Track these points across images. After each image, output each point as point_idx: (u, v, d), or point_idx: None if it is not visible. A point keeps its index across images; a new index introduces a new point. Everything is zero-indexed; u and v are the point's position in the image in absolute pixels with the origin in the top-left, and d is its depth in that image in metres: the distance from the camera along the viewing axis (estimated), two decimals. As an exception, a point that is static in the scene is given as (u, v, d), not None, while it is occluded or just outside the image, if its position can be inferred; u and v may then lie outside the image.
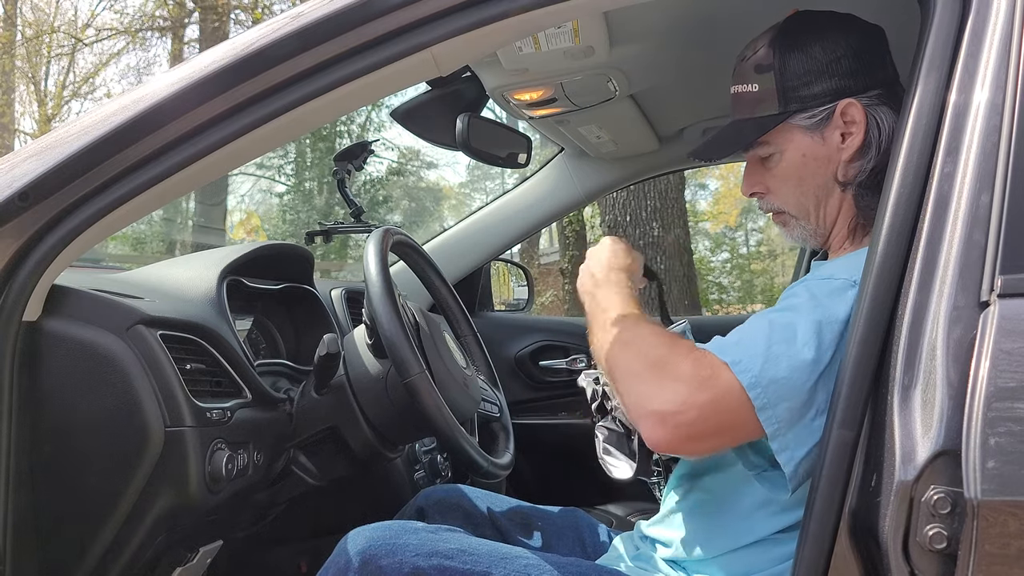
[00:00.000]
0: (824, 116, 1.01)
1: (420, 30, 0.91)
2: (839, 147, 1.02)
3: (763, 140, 1.05)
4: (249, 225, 16.09)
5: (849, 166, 1.02)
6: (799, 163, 1.04)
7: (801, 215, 1.07)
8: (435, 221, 18.25)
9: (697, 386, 0.87)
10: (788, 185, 1.06)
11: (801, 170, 1.04)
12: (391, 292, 1.20)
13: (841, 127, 1.01)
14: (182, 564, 1.18)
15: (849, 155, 1.02)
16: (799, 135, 1.03)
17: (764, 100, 1.04)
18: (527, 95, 1.58)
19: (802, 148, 1.03)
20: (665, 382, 0.89)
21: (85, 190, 0.93)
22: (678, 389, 0.88)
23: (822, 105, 1.01)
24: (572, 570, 1.03)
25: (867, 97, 1.00)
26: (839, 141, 1.02)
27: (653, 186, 4.76)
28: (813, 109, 1.02)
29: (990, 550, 0.68)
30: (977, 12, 0.82)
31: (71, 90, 14.90)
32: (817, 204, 1.05)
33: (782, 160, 1.05)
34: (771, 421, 0.87)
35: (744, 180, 1.12)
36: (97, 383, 1.02)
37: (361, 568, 0.99)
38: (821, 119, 1.02)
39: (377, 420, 1.29)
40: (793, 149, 1.04)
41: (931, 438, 0.71)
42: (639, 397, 0.91)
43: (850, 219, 1.05)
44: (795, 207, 1.07)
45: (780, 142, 1.04)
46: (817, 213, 1.06)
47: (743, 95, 1.07)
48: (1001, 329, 0.71)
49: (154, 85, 0.96)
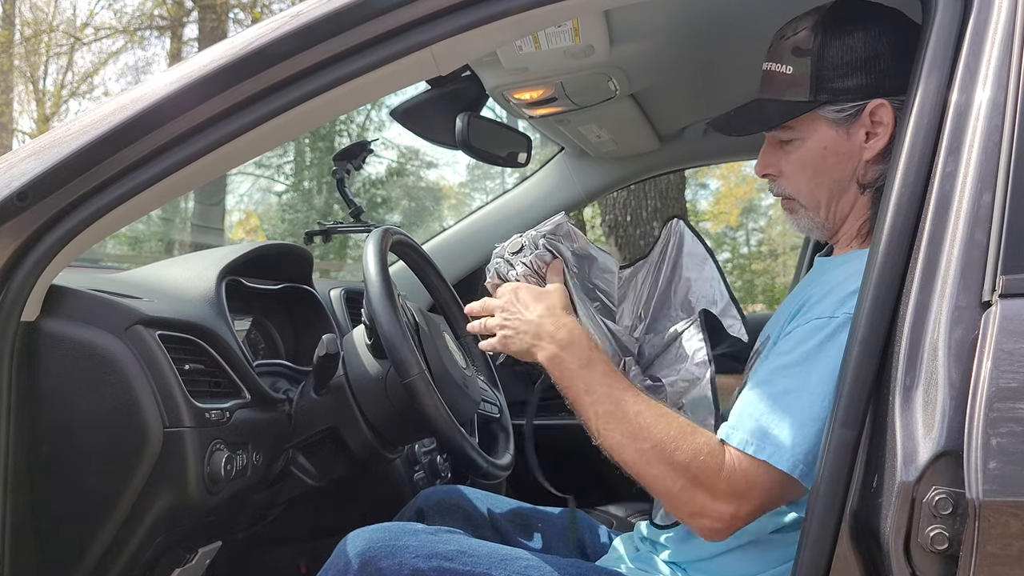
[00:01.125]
0: (853, 112, 0.99)
1: (420, 29, 0.91)
2: (862, 146, 1.00)
3: (787, 124, 1.03)
4: (248, 225, 16.09)
5: (870, 168, 1.00)
6: (819, 154, 1.02)
7: (811, 206, 1.05)
8: (435, 221, 18.25)
9: (740, 501, 0.89)
10: (804, 174, 1.04)
11: (820, 162, 1.02)
12: (391, 292, 1.19)
13: (868, 126, 0.99)
14: (181, 565, 1.18)
15: (871, 156, 1.00)
16: (824, 127, 1.01)
17: (796, 84, 1.01)
18: (527, 94, 1.57)
19: (825, 140, 1.01)
20: (707, 504, 0.90)
21: (84, 190, 0.93)
22: (722, 510, 0.90)
23: (853, 101, 0.99)
24: (572, 571, 1.03)
25: (899, 100, 0.96)
26: (863, 140, 1.00)
27: (653, 186, 4.75)
28: (843, 103, 0.99)
29: (992, 551, 0.68)
30: (978, 12, 0.82)
31: (69, 89, 14.90)
32: (830, 198, 1.03)
33: (802, 148, 1.03)
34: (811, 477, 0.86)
35: (759, 158, 1.09)
36: (96, 383, 1.01)
37: (360, 570, 0.99)
38: (849, 115, 0.99)
39: (376, 421, 1.29)
40: (816, 139, 1.02)
41: (933, 439, 0.71)
42: (685, 506, 0.92)
43: (862, 219, 1.03)
44: (806, 197, 1.05)
45: (804, 130, 1.02)
46: (828, 207, 1.04)
47: (776, 75, 1.04)
48: (1003, 329, 0.71)
49: (153, 84, 0.96)
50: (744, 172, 15.15)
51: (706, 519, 0.90)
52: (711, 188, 16.94)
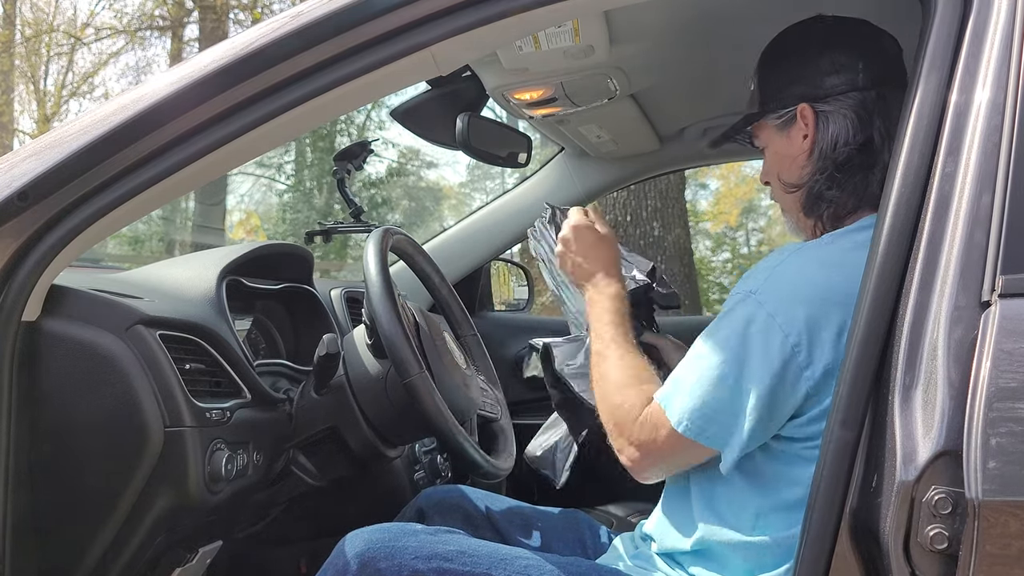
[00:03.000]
0: (788, 117, 1.08)
1: (420, 29, 0.91)
2: (802, 148, 1.07)
3: (756, 135, 1.14)
4: (248, 225, 16.08)
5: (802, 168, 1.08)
6: (773, 159, 1.12)
7: (785, 207, 1.14)
8: (435, 221, 18.24)
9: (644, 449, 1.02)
10: (771, 179, 1.14)
11: (776, 166, 1.12)
12: (391, 292, 1.20)
13: (803, 129, 1.07)
14: (181, 564, 1.18)
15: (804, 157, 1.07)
16: (773, 134, 1.11)
17: (753, 99, 1.13)
18: (527, 94, 1.57)
19: (775, 146, 1.11)
20: (624, 446, 1.04)
21: (84, 190, 0.93)
22: (631, 454, 1.04)
23: (787, 107, 1.07)
24: (571, 570, 1.03)
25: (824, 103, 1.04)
26: (801, 142, 1.07)
27: (653, 186, 4.75)
28: (780, 110, 1.08)
29: (991, 550, 0.68)
30: (978, 12, 0.82)
31: (70, 89, 14.89)
32: (794, 201, 1.10)
33: (766, 156, 1.14)
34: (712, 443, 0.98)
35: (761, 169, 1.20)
36: (96, 383, 1.01)
37: (359, 571, 0.99)
38: (786, 119, 1.08)
39: (377, 420, 1.29)
40: (770, 147, 1.12)
41: (932, 438, 0.71)
42: (614, 443, 1.07)
43: (814, 220, 1.09)
44: (779, 199, 1.14)
45: (763, 138, 1.13)
46: (794, 209, 1.11)
47: (751, 91, 1.15)
48: (1002, 329, 0.71)
49: (153, 85, 0.96)
50: (744, 172, 15.15)
51: (623, 457, 1.04)
52: (711, 188, 16.93)
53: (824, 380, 0.93)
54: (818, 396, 0.94)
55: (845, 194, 1.04)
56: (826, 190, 1.05)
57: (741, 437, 0.95)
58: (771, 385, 0.93)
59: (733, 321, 0.98)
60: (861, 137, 1.03)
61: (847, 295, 0.88)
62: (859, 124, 1.03)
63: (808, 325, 0.93)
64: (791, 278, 0.97)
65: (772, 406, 0.94)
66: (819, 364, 0.93)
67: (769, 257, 1.03)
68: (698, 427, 0.96)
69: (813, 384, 0.93)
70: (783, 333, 0.93)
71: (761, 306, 0.95)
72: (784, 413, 0.95)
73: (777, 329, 0.93)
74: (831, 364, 0.92)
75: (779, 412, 0.95)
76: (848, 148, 1.03)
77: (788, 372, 0.93)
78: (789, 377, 0.93)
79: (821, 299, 0.94)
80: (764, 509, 0.99)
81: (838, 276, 0.94)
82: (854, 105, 1.03)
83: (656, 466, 1.04)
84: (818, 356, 0.93)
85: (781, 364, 0.93)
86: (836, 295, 0.93)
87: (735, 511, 1.01)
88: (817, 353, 0.93)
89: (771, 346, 0.94)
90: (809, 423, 0.95)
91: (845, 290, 0.90)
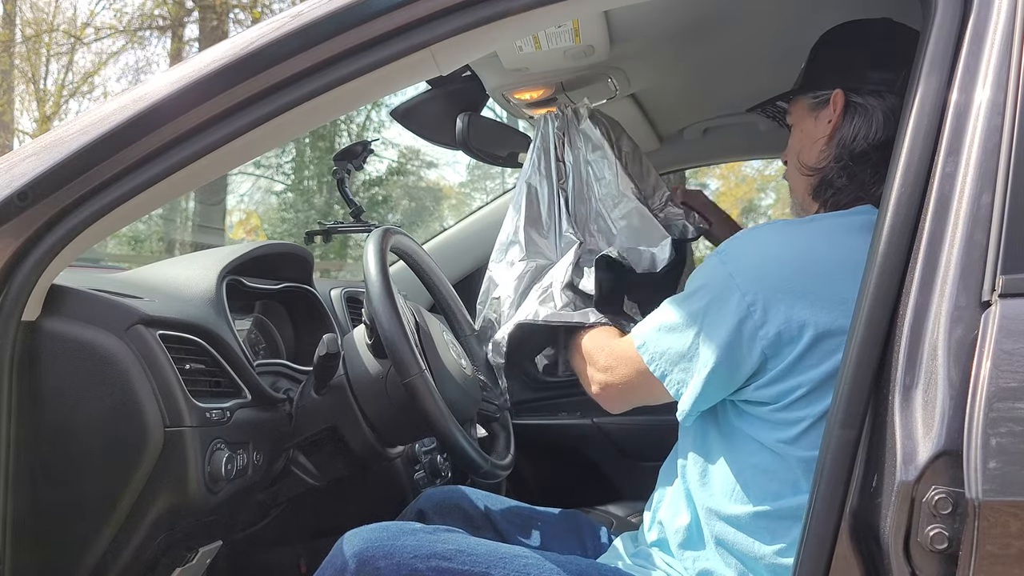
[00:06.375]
0: (822, 100, 1.09)
1: (420, 29, 0.91)
2: (824, 132, 1.08)
3: (790, 111, 1.17)
4: (248, 225, 16.08)
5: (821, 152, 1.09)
6: (797, 138, 1.14)
7: (794, 187, 1.15)
8: (435, 221, 18.24)
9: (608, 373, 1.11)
10: (791, 157, 1.15)
11: (798, 144, 1.13)
12: (391, 292, 1.19)
13: (830, 114, 1.08)
14: (181, 564, 1.18)
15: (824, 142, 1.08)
16: (805, 113, 1.12)
17: (800, 76, 1.17)
18: (527, 94, 1.58)
19: (802, 124, 1.13)
20: (594, 374, 1.14)
21: (84, 190, 0.93)
22: (596, 377, 1.13)
23: (825, 89, 1.09)
24: (571, 569, 1.03)
25: (858, 95, 1.06)
26: (825, 126, 1.08)
27: (653, 186, 4.74)
28: (818, 91, 1.10)
29: (991, 551, 0.68)
30: (978, 12, 0.82)
31: (70, 89, 14.89)
32: (806, 183, 1.11)
33: (792, 133, 1.16)
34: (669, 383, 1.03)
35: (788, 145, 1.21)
36: (96, 383, 1.01)
37: (358, 570, 0.99)
38: (820, 101, 1.09)
39: (377, 420, 1.29)
40: (798, 124, 1.14)
41: (932, 438, 0.71)
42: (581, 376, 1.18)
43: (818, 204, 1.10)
44: (792, 179, 1.15)
45: (795, 116, 1.15)
46: (802, 191, 1.13)
47: (801, 69, 1.18)
48: (1002, 329, 0.71)
49: (153, 84, 0.96)
50: (744, 172, 15.15)
51: (590, 385, 1.14)
52: (711, 188, 16.91)
53: (776, 341, 0.95)
54: (777, 357, 0.96)
55: (853, 184, 1.06)
56: (836, 178, 1.07)
57: (696, 388, 0.99)
58: (727, 341, 0.97)
59: (702, 276, 1.03)
60: (882, 136, 1.04)
61: (810, 261, 0.94)
62: (883, 124, 1.04)
63: (764, 284, 0.96)
64: (758, 241, 1.02)
65: (729, 362, 0.97)
66: (772, 325, 0.95)
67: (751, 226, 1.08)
68: (662, 370, 1.03)
69: (768, 343, 0.95)
70: (740, 292, 0.96)
71: (724, 265, 1.00)
72: (743, 372, 0.98)
73: (735, 288, 0.97)
74: (784, 326, 0.94)
75: (738, 371, 0.98)
76: (867, 143, 1.05)
77: (744, 330, 0.96)
78: (745, 334, 0.96)
79: (781, 261, 0.97)
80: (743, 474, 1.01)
81: (803, 243, 0.98)
82: (884, 106, 1.04)
83: (623, 397, 1.12)
84: (772, 316, 0.95)
85: (737, 321, 0.96)
86: (798, 261, 0.96)
87: (721, 480, 1.03)
88: (772, 313, 0.95)
89: (728, 303, 0.97)
90: (770, 383, 0.97)
91: (808, 257, 0.95)
